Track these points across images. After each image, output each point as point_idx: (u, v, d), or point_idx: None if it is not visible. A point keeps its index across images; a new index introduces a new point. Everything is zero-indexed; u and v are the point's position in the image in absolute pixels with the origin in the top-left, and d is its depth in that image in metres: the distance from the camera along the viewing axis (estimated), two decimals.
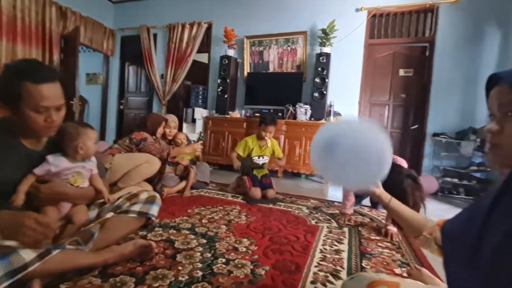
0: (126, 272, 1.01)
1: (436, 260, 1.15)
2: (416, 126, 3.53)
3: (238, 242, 1.38)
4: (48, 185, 0.97)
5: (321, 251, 1.35)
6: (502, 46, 3.07)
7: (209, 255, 1.22)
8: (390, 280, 0.83)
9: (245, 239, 1.42)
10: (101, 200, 1.19)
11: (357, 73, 3.65)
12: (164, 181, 2.29)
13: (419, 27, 3.49)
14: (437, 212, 2.27)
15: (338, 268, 1.19)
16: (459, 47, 3.25)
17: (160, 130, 2.32)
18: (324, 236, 1.56)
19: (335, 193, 2.82)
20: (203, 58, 4.56)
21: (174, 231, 1.46)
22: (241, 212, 1.92)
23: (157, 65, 4.65)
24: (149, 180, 2.23)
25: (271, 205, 2.16)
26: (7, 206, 0.86)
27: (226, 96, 3.93)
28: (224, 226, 1.60)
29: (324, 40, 3.48)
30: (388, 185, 0.84)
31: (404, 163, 1.68)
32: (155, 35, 4.73)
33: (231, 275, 1.06)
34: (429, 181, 2.98)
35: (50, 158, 1.00)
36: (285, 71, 3.99)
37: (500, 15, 3.05)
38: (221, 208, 1.97)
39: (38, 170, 0.97)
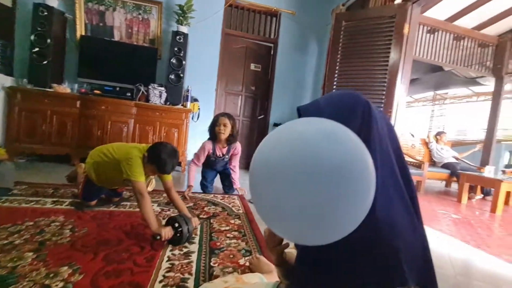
0: None
1: None
2: (262, 116, 4.04)
3: (51, 275, 1.01)
4: None
5: (169, 258, 1.23)
6: (318, 58, 3.99)
7: None
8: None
9: (65, 267, 1.06)
10: None
11: (215, 60, 3.67)
12: None
13: (266, 28, 3.93)
14: None
15: (186, 275, 1.11)
16: (293, 53, 3.94)
17: None
18: None
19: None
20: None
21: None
22: (65, 224, 1.46)
23: None
24: None
25: (112, 207, 1.79)
26: None
27: (46, 61, 2.87)
28: (31, 253, 1.14)
29: (181, 17, 3.21)
30: None
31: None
32: None
33: None
34: None
35: None
36: (135, 43, 3.40)
37: (319, 33, 3.93)
38: (31, 224, 1.42)
39: None
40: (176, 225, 1.36)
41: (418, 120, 7.99)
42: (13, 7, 3.07)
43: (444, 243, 1.87)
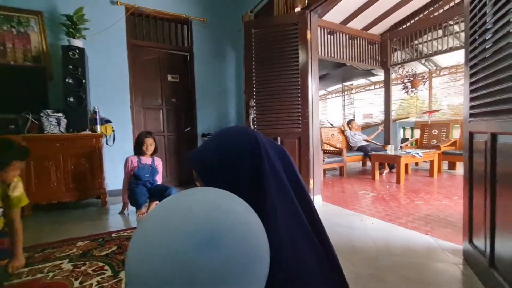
0: None
1: None
2: (188, 129, 3.85)
3: None
4: None
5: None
6: (236, 64, 4.02)
7: None
8: None
9: None
10: None
11: (124, 74, 3.29)
12: None
13: (178, 36, 3.74)
14: None
15: None
16: (211, 60, 3.86)
17: None
18: None
19: (114, 218, 2.42)
20: None
21: None
22: None
23: None
24: None
25: None
26: None
27: None
28: None
29: (72, 30, 2.75)
30: None
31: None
32: None
33: None
34: None
35: None
36: (12, 62, 2.76)
37: (234, 40, 3.95)
38: None
39: None
40: None
41: (335, 110, 9.01)
42: None
43: (370, 227, 2.11)
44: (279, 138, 2.86)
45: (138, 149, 2.57)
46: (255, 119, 2.94)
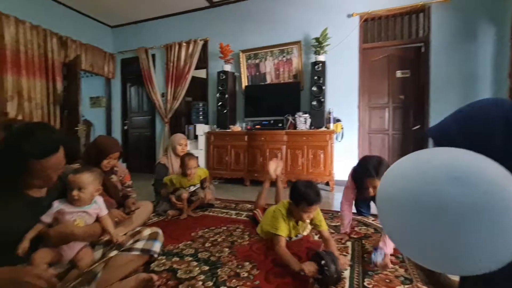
0: None
1: None
2: (418, 127, 3.49)
3: (240, 266, 1.40)
4: (55, 228, 1.00)
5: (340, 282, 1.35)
6: (496, 42, 3.03)
7: (211, 283, 1.23)
8: None
9: (247, 263, 1.43)
10: (106, 239, 1.20)
11: (354, 78, 3.65)
12: (165, 206, 2.32)
13: (412, 28, 3.48)
14: None
15: None
16: (453, 46, 3.22)
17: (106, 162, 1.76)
18: None
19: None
20: (201, 74, 4.64)
21: (177, 259, 1.48)
22: (245, 231, 1.93)
23: (157, 84, 4.75)
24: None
25: None
26: (11, 256, 0.89)
27: (225, 110, 3.98)
28: (227, 249, 1.61)
29: (318, 48, 3.51)
30: None
31: None
32: (153, 55, 4.84)
33: None
34: None
35: (55, 203, 1.04)
36: (282, 81, 4.02)
37: (493, 12, 3.02)
38: (225, 228, 1.99)
39: (45, 217, 1.00)
40: (323, 262, 1.19)
41: None
42: (207, 78, 4.53)
43: None
44: None
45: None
46: None
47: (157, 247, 1.26)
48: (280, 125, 3.74)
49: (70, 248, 1.05)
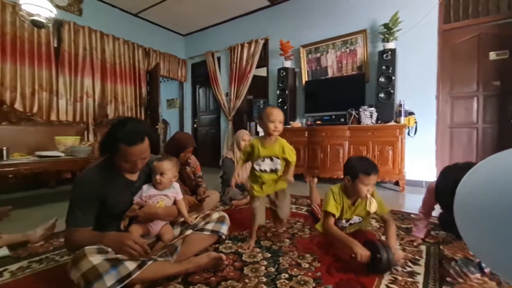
0: (203, 281, 1.18)
1: None
2: None
3: (301, 257, 1.42)
4: (143, 209, 1.24)
5: (391, 272, 1.26)
6: None
7: (273, 269, 1.30)
8: None
9: (308, 255, 1.45)
10: (182, 219, 1.41)
11: (431, 65, 3.22)
12: (231, 195, 2.50)
13: None
14: None
15: None
16: None
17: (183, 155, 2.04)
18: None
19: (412, 204, 2.55)
20: (262, 72, 4.78)
21: (242, 244, 1.60)
22: (305, 225, 1.94)
23: (222, 85, 5.10)
24: None
25: None
26: (116, 223, 1.16)
27: (286, 107, 4.01)
28: (288, 240, 1.65)
29: (387, 35, 3.21)
30: None
31: None
32: (218, 58, 5.21)
33: None
34: None
35: (144, 187, 1.28)
36: (345, 74, 3.83)
37: None
38: (285, 220, 2.03)
39: (136, 199, 1.25)
40: (377, 248, 1.21)
41: None
42: (267, 76, 4.64)
43: None
44: None
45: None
46: None
47: (224, 229, 1.41)
48: (342, 120, 3.58)
49: (155, 224, 1.28)
